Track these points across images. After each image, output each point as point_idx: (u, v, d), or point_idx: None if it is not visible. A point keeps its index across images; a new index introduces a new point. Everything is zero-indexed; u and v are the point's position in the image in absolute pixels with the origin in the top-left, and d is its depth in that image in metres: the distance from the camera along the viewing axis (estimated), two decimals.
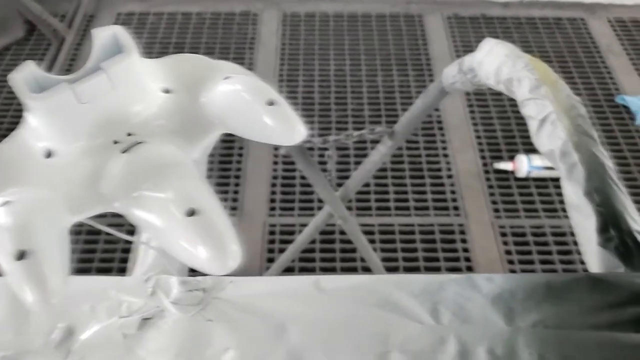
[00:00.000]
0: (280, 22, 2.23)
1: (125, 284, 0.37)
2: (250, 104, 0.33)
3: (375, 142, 0.95)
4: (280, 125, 0.34)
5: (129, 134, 0.32)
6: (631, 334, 0.36)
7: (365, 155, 1.23)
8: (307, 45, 2.15)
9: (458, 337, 0.35)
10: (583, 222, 0.47)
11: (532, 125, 0.56)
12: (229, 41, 2.15)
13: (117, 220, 0.36)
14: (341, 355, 0.34)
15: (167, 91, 0.34)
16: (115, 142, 0.32)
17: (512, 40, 2.19)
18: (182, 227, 0.28)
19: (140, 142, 0.31)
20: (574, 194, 0.48)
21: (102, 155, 0.31)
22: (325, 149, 0.90)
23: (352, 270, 1.52)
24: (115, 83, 0.32)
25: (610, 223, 0.45)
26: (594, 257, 0.45)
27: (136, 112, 0.33)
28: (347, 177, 1.14)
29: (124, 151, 0.31)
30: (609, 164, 0.50)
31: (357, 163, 1.67)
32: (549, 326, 0.36)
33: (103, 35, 0.33)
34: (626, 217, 0.45)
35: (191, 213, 0.29)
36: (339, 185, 1.04)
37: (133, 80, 0.33)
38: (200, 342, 0.34)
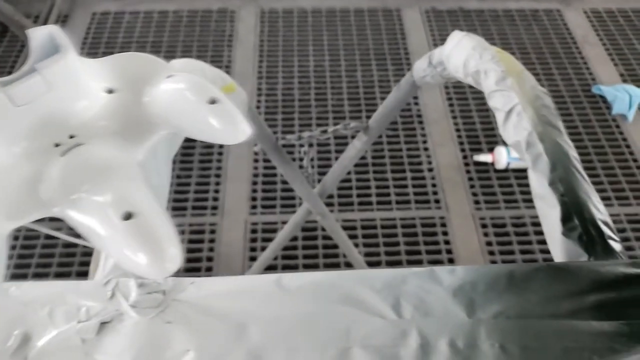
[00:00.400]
0: (258, 19, 2.22)
1: (84, 288, 0.37)
2: (192, 103, 0.32)
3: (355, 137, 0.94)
4: (222, 124, 0.34)
5: (71, 136, 0.31)
6: (591, 322, 0.36)
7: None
8: (286, 41, 2.14)
9: (419, 330, 0.35)
10: (548, 211, 0.47)
11: (499, 117, 0.56)
12: (207, 39, 2.14)
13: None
14: (302, 352, 0.34)
15: (110, 91, 0.34)
16: (57, 145, 0.31)
17: (490, 33, 2.22)
18: (118, 232, 0.28)
19: (81, 144, 0.30)
20: (538, 184, 0.49)
21: (41, 159, 0.30)
22: (301, 145, 0.89)
23: (335, 266, 1.52)
24: (52, 84, 0.31)
25: (574, 212, 0.46)
26: (558, 246, 0.45)
27: (77, 113, 0.32)
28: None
29: (64, 154, 0.30)
30: (574, 153, 0.50)
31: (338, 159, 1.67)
32: (510, 317, 0.37)
33: (38, 35, 0.32)
34: (590, 206, 0.46)
35: (128, 216, 0.28)
36: (320, 181, 1.04)
37: (72, 81, 0.32)
38: (160, 344, 0.34)
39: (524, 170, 1.72)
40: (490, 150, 1.75)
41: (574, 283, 0.39)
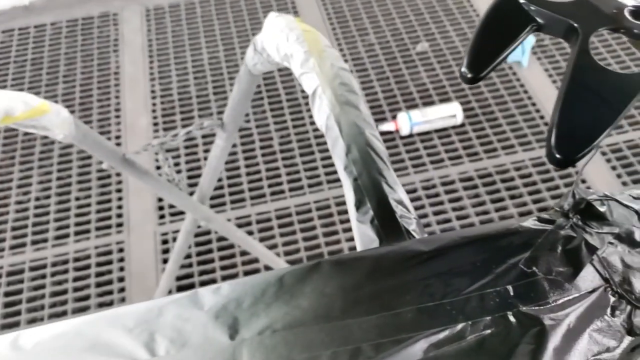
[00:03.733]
0: (144, 18, 2.11)
1: None
2: None
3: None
4: None
5: None
6: (363, 318, 0.34)
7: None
8: (176, 37, 2.04)
9: None
10: (347, 198, 0.45)
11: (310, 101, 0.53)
12: (91, 47, 2.01)
13: None
14: None
15: None
16: None
17: (384, 2, 2.20)
18: None
19: None
20: (338, 168, 0.46)
21: None
22: (156, 153, 0.84)
23: (255, 262, 1.49)
24: None
25: (367, 195, 0.43)
26: (356, 234, 0.43)
27: None
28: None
29: None
30: (372, 132, 0.47)
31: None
32: (278, 329, 0.34)
33: None
34: (383, 186, 0.43)
35: None
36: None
37: None
38: None
39: (429, 132, 1.73)
40: (395, 118, 1.75)
41: (350, 277, 0.36)
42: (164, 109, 1.82)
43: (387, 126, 1.71)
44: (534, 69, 1.93)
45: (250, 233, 1.53)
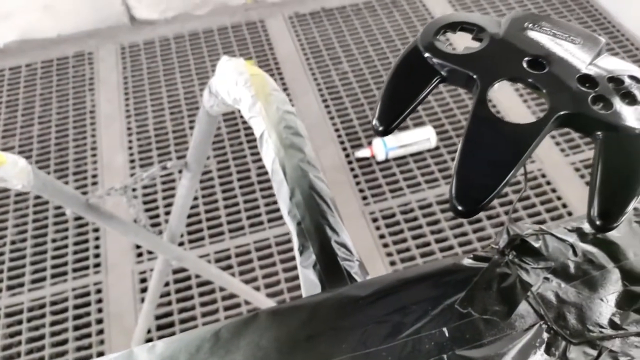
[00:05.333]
0: (119, 56, 2.12)
1: None
2: None
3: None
4: None
5: None
6: None
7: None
8: (151, 73, 2.06)
9: None
10: (293, 242, 0.45)
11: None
12: (66, 87, 2.02)
13: None
14: None
15: None
16: None
17: (354, 27, 2.24)
18: None
19: None
20: (282, 213, 0.46)
21: None
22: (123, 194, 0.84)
23: (234, 297, 1.47)
24: None
25: (310, 239, 0.43)
26: (301, 280, 0.43)
27: None
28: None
29: None
30: (316, 174, 0.48)
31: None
32: None
33: None
34: (325, 229, 0.44)
35: None
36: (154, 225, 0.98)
37: None
38: None
39: (404, 157, 1.74)
40: (370, 144, 1.76)
41: (286, 327, 0.36)
42: (141, 146, 1.82)
43: (363, 152, 1.72)
44: (504, 89, 1.97)
45: (229, 266, 1.52)
